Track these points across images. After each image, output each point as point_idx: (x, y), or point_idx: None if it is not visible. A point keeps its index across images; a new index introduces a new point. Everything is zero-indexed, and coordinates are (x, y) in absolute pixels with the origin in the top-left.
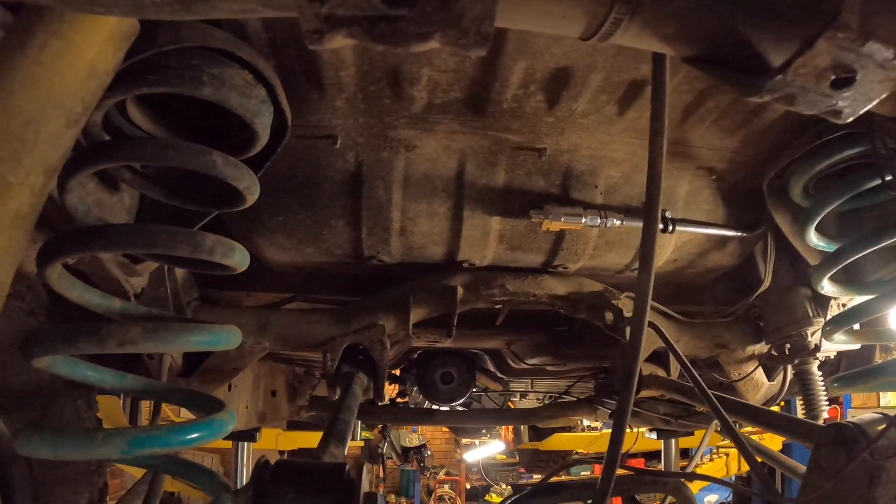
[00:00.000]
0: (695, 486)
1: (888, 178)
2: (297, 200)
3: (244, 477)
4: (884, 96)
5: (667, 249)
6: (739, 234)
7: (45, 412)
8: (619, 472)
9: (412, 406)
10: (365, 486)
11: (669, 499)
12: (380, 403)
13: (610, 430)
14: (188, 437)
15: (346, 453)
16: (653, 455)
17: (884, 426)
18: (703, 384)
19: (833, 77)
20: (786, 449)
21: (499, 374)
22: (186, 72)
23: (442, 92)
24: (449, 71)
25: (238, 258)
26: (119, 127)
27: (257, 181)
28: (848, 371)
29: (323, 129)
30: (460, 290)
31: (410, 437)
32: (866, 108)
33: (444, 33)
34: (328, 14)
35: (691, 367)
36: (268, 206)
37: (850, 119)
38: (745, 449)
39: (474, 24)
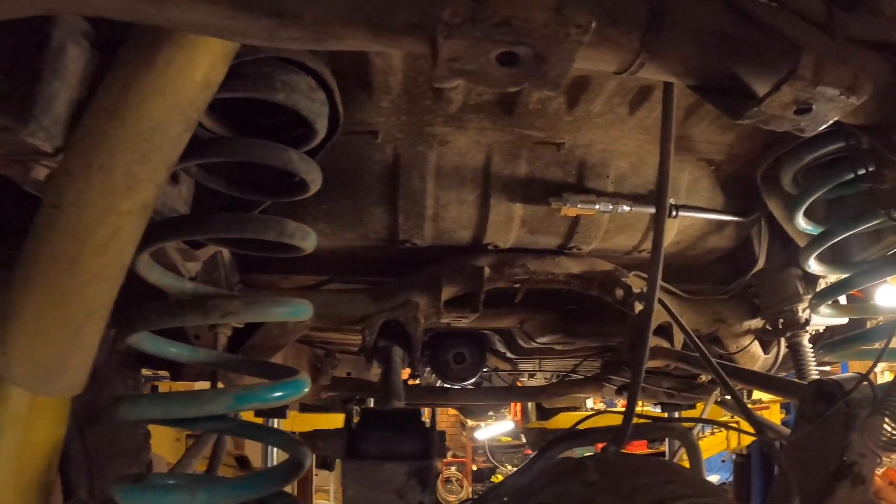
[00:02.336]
0: None
1: (861, 171)
2: (339, 190)
3: (274, 452)
4: (836, 118)
5: (671, 233)
6: (736, 218)
7: (101, 391)
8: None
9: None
10: None
11: None
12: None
13: (613, 410)
14: (279, 393)
15: None
16: (653, 439)
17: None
18: (706, 351)
19: (795, 108)
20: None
21: (508, 354)
22: (261, 79)
23: (476, 95)
24: None
25: (311, 241)
26: None
27: (321, 173)
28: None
29: (366, 126)
30: (487, 270)
31: None
32: (823, 127)
33: (531, 82)
34: (458, 68)
35: (693, 336)
36: (313, 194)
37: (812, 134)
38: (739, 399)
39: (554, 77)
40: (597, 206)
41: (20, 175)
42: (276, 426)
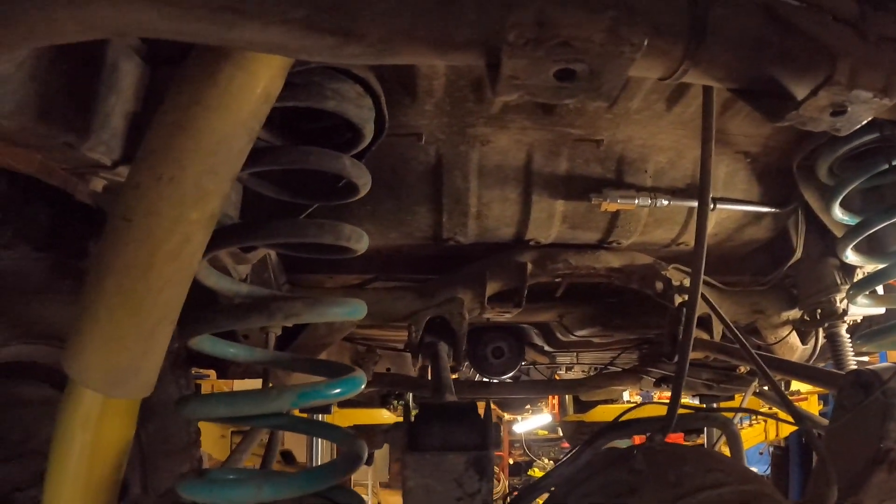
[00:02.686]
0: None
1: (895, 162)
2: (383, 191)
3: (320, 445)
4: (870, 118)
5: (708, 225)
6: (772, 210)
7: (155, 391)
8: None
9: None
10: None
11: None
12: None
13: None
14: (338, 390)
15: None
16: (691, 431)
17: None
18: (745, 342)
19: (831, 110)
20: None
21: (546, 348)
22: (312, 88)
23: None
24: None
25: (364, 243)
26: None
27: (370, 177)
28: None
29: (410, 129)
30: (529, 266)
31: None
32: (857, 126)
33: (586, 95)
34: (518, 83)
35: (733, 327)
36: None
37: (847, 133)
38: (779, 390)
39: (607, 90)
40: (636, 201)
41: (77, 188)
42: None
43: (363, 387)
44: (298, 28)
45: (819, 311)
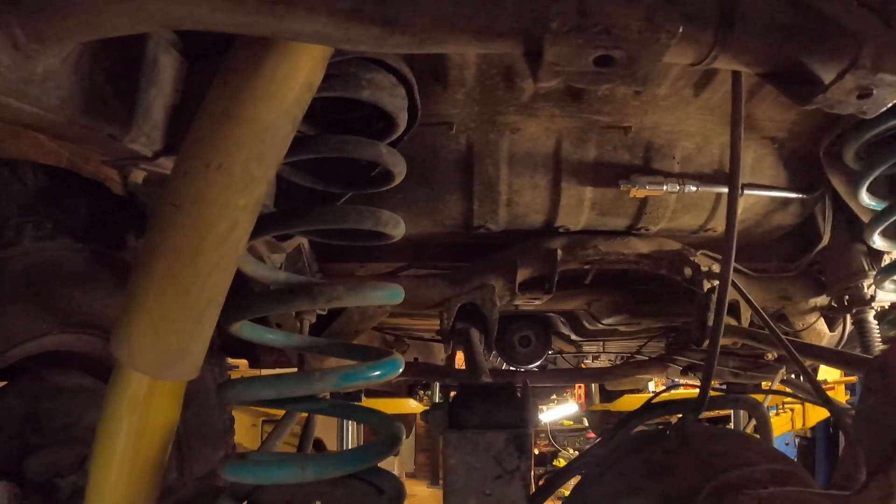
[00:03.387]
0: None
1: None
2: (415, 179)
3: (350, 432)
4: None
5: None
6: (800, 195)
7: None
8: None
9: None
10: None
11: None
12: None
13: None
14: (378, 372)
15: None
16: (719, 420)
17: None
18: (774, 326)
19: (857, 93)
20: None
21: (573, 337)
22: (348, 78)
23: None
24: None
25: (402, 228)
26: None
27: (406, 165)
28: None
29: (441, 118)
30: (559, 252)
31: None
32: (883, 109)
33: (622, 80)
34: (559, 70)
35: (762, 312)
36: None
37: (873, 115)
38: (808, 373)
39: (643, 76)
40: (664, 187)
41: (113, 182)
42: None
43: (401, 369)
44: (345, 18)
45: (847, 297)
